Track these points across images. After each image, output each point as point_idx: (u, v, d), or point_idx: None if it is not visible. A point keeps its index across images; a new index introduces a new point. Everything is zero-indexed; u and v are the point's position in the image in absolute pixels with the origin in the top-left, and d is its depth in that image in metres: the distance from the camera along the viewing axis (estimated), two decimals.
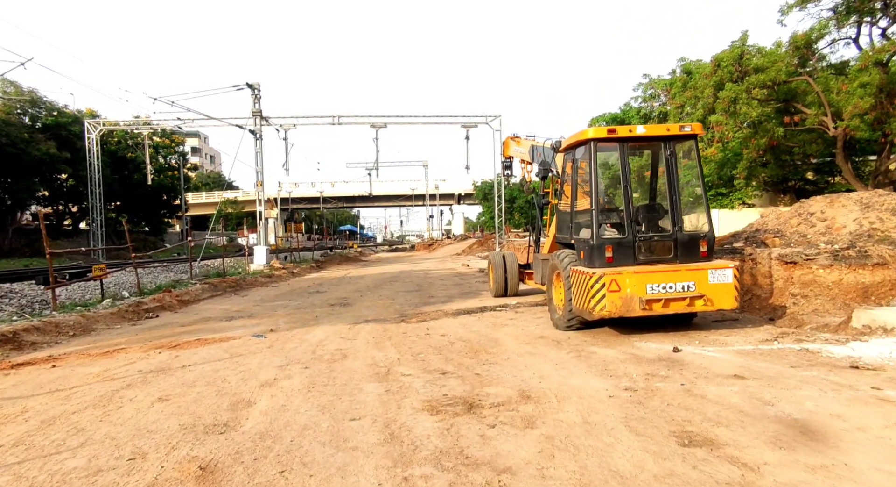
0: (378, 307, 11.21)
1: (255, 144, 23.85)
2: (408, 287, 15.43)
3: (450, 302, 11.75)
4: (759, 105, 20.30)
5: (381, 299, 12.62)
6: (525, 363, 5.84)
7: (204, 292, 14.15)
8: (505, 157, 14.52)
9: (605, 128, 6.98)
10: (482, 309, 10.36)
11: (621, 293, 6.49)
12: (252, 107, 23.58)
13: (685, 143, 7.16)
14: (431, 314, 9.95)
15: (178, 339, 8.05)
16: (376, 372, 5.68)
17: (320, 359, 6.43)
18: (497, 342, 7.18)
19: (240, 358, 6.56)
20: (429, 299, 12.35)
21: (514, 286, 12.04)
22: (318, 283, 17.96)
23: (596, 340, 6.93)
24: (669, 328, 7.33)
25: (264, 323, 9.49)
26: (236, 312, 11.16)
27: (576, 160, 7.69)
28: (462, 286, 15.26)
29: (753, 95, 20.16)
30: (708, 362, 5.42)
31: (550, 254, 10.61)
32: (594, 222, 6.90)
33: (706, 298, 6.49)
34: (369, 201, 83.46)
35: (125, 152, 42.98)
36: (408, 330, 8.41)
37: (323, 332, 8.40)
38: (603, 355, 6.03)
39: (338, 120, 35.29)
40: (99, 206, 33.66)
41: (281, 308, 11.54)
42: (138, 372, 5.81)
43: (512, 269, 11.96)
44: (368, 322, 9.28)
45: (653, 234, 7.02)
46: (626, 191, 6.95)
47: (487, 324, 8.65)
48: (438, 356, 6.45)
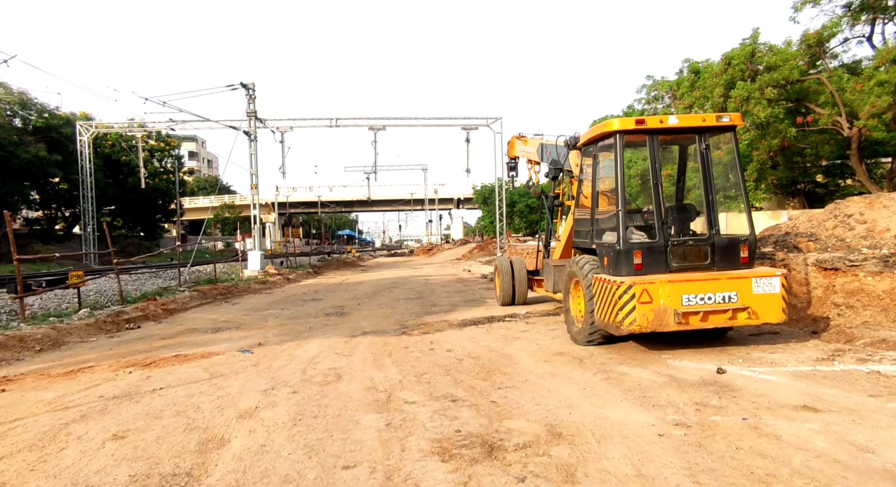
0: (377, 317, 10.42)
1: (250, 146, 23.10)
2: (408, 294, 14.63)
3: (454, 311, 10.96)
4: (768, 105, 19.60)
5: (380, 308, 11.83)
6: (547, 387, 5.05)
7: (192, 300, 13.34)
8: (510, 157, 13.77)
9: (632, 118, 6.22)
10: (490, 319, 9.57)
11: (654, 305, 5.71)
12: (246, 107, 22.84)
13: (722, 135, 6.41)
14: (435, 326, 9.15)
15: (155, 355, 7.24)
16: (375, 399, 4.89)
17: (311, 381, 5.63)
18: (511, 359, 6.39)
19: (220, 379, 5.76)
20: (431, 308, 11.56)
21: (523, 294, 11.25)
22: (314, 290, 17.17)
23: (623, 357, 6.14)
24: (702, 342, 6.55)
25: (253, 336, 8.69)
26: (224, 322, 10.35)
27: (597, 156, 6.92)
28: (465, 293, 14.46)
29: (766, 94, 19.46)
30: (764, 387, 4.63)
31: (566, 260, 9.84)
32: (620, 224, 6.13)
33: (750, 310, 5.71)
34: (368, 205, 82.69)
35: (119, 156, 42.15)
36: (410, 344, 7.62)
37: (316, 347, 7.60)
38: (636, 376, 5.24)
39: (335, 122, 34.58)
40: (91, 210, 32.81)
41: (272, 318, 10.73)
42: (99, 399, 5.01)
43: (520, 276, 11.18)
44: (366, 335, 8.49)
45: (687, 238, 6.26)
46: (656, 190, 6.18)
47: (497, 337, 7.86)
48: (446, 376, 5.65)
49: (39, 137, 31.48)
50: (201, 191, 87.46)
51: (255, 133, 22.99)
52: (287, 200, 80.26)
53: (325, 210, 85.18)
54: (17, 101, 31.94)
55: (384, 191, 79.77)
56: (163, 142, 46.32)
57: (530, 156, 12.54)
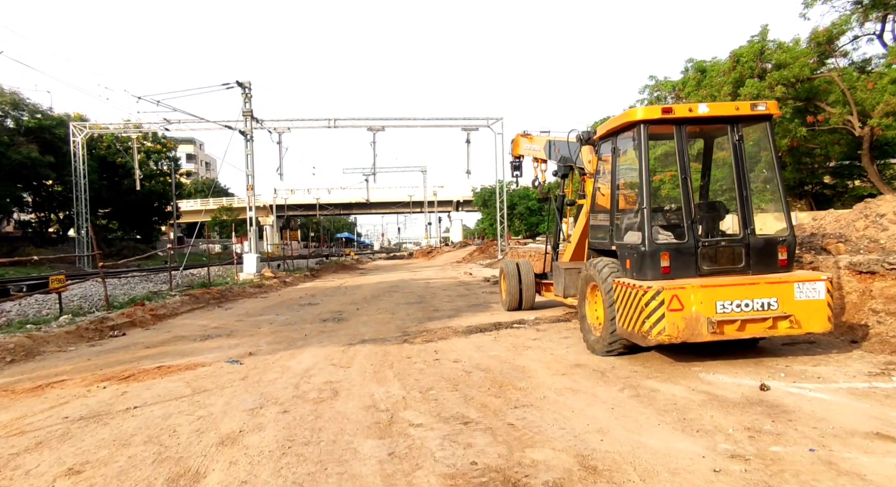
0: (377, 323, 9.84)
1: (246, 146, 22.53)
2: (409, 299, 14.05)
3: (458, 317, 10.38)
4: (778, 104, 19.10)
5: (379, 313, 11.25)
6: (570, 406, 4.48)
7: (183, 304, 12.74)
8: (514, 156, 13.21)
9: (657, 107, 5.67)
10: (496, 326, 8.99)
11: (684, 313, 5.15)
12: (242, 106, 22.28)
13: (756, 125, 5.85)
14: (438, 333, 8.57)
15: (136, 366, 6.66)
16: (376, 420, 4.31)
17: (304, 398, 5.05)
18: (524, 371, 5.81)
19: (203, 396, 5.18)
20: (433, 314, 10.98)
21: (530, 299, 10.68)
22: (311, 294, 16.58)
23: (649, 370, 5.57)
24: (733, 352, 5.98)
25: (244, 344, 8.11)
26: (215, 329, 9.76)
27: (616, 149, 6.36)
28: (468, 298, 13.89)
29: (776, 92, 18.94)
30: (820, 409, 4.06)
31: (577, 263, 9.28)
32: (645, 223, 5.56)
33: (793, 319, 5.14)
34: (366, 207, 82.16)
35: (115, 158, 41.56)
36: (412, 354, 7.04)
37: (311, 357, 7.02)
38: (668, 394, 4.67)
39: (334, 123, 34.09)
40: (85, 212, 32.22)
41: (266, 324, 10.15)
42: (62, 421, 4.42)
43: (527, 279, 10.61)
44: (366, 343, 7.91)
45: (719, 238, 5.69)
46: (685, 185, 5.62)
47: (507, 346, 7.28)
48: (454, 392, 5.08)
49: (32, 138, 30.88)
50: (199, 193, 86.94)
51: (251, 133, 22.43)
52: (285, 202, 79.75)
53: (324, 213, 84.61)
54: (9, 101, 31.35)
55: (383, 193, 79.27)
56: (159, 144, 45.74)
57: (536, 154, 11.99)
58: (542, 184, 12.38)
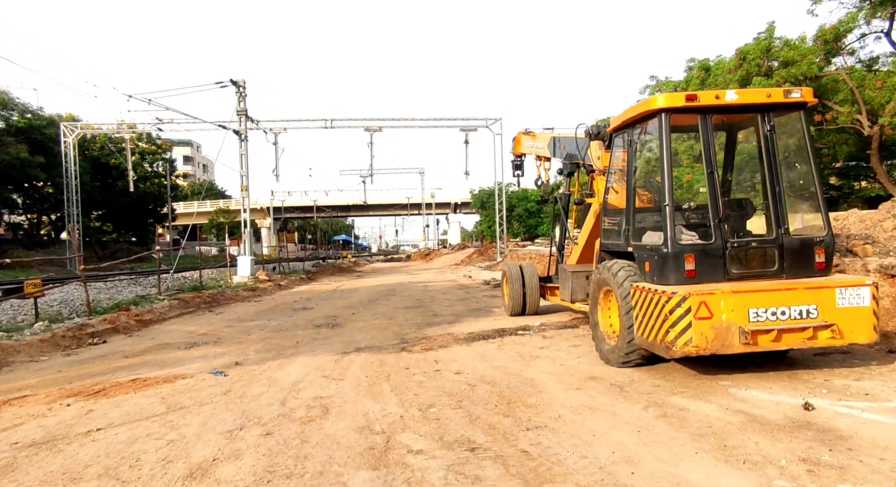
0: (373, 330, 9.30)
1: (240, 146, 22.00)
2: (407, 303, 13.52)
3: (458, 322, 9.85)
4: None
5: (376, 318, 10.71)
6: (589, 428, 3.96)
7: (171, 309, 12.19)
8: (515, 155, 12.69)
9: (680, 94, 5.16)
10: (500, 332, 8.47)
11: (714, 321, 4.63)
12: (237, 106, 21.76)
13: (789, 115, 5.35)
14: (438, 340, 8.04)
15: (110, 379, 6.11)
16: (370, 446, 3.78)
17: (290, 416, 4.52)
18: (534, 385, 5.29)
19: (178, 415, 4.64)
20: (433, 319, 10.44)
21: (534, 304, 10.16)
22: (306, 297, 16.03)
23: (672, 384, 5.05)
24: (761, 364, 5.46)
25: (231, 352, 7.57)
26: (202, 336, 9.21)
27: (633, 142, 5.85)
28: (468, 302, 13.36)
29: None
30: (881, 433, 3.55)
31: (585, 265, 8.77)
32: (668, 222, 5.05)
33: (835, 328, 4.62)
34: (364, 210, 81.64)
35: (108, 159, 40.96)
36: (411, 364, 6.51)
37: (301, 367, 6.48)
38: (700, 414, 4.15)
39: (330, 123, 33.59)
40: (76, 214, 31.61)
41: (257, 330, 9.60)
42: (10, 447, 3.88)
43: (531, 283, 10.09)
44: (361, 352, 7.37)
45: (750, 238, 5.18)
46: (711, 180, 5.11)
47: (513, 355, 6.76)
48: (458, 410, 4.55)
49: (21, 138, 30.29)
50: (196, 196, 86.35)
51: (245, 133, 21.90)
52: (282, 204, 79.18)
53: (321, 215, 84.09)
54: None
55: (380, 195, 78.78)
56: (154, 145, 45.15)
57: (540, 152, 11.48)
58: (545, 183, 11.89)
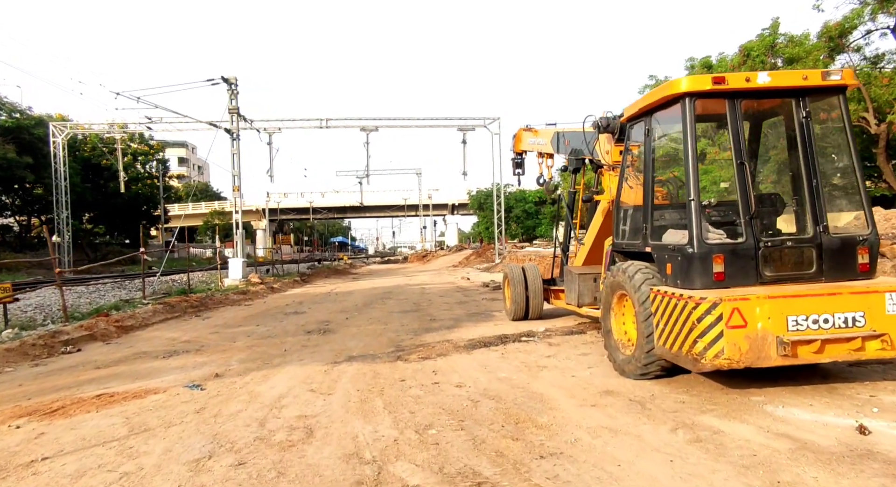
0: (367, 336, 8.75)
1: (232, 146, 21.43)
2: (403, 306, 12.96)
3: (457, 328, 9.30)
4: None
5: (370, 324, 10.15)
6: (613, 457, 3.42)
7: (155, 314, 11.60)
8: (516, 152, 12.18)
9: (707, 76, 4.64)
10: (502, 339, 7.93)
11: (748, 331, 4.10)
12: (228, 104, 21.18)
13: (826, 100, 4.84)
14: (437, 348, 7.50)
15: (73, 394, 5.54)
16: (358, 479, 3.23)
17: (268, 441, 3.96)
18: (544, 401, 4.75)
19: (140, 439, 4.08)
20: (430, 324, 9.90)
21: (538, 308, 9.62)
22: (298, 301, 15.46)
23: (698, 400, 4.51)
24: (794, 375, 4.93)
25: (212, 362, 7.00)
26: (185, 343, 8.64)
27: (652, 131, 5.32)
28: (467, 305, 12.82)
29: None
30: None
31: (592, 267, 8.25)
32: (693, 218, 4.52)
33: (886, 338, 4.09)
34: (360, 211, 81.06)
35: (100, 160, 40.33)
36: (406, 375, 5.96)
37: (286, 379, 5.93)
38: (738, 438, 3.61)
39: (326, 123, 33.03)
40: (65, 216, 30.95)
41: (243, 337, 9.04)
42: None
43: (535, 286, 9.55)
44: (353, 361, 6.82)
45: (785, 237, 4.66)
46: (742, 172, 4.58)
47: (518, 365, 6.22)
48: (459, 433, 4.01)
49: (9, 138, 29.62)
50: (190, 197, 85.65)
51: (237, 131, 21.33)
52: (278, 206, 78.57)
53: (317, 217, 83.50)
54: None
55: (377, 197, 78.22)
56: (146, 145, 44.51)
57: (542, 148, 10.95)
58: (548, 181, 11.37)
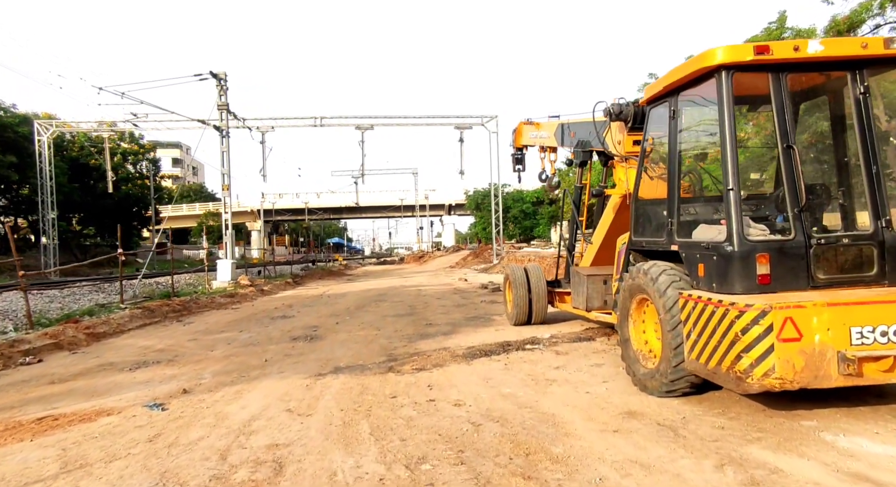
0: (357, 343, 8.05)
1: (222, 143, 20.70)
2: (397, 309, 12.27)
3: (456, 334, 8.62)
4: None
5: (362, 329, 9.46)
6: None
7: (132, 320, 10.87)
8: (516, 147, 11.51)
9: (747, 45, 3.97)
10: (505, 347, 7.24)
11: (804, 344, 3.43)
12: (217, 100, 20.45)
13: (887, 73, 4.18)
14: (433, 357, 6.80)
15: (15, 416, 4.83)
16: None
17: (227, 481, 3.27)
18: (557, 424, 4.06)
19: (71, 479, 3.37)
20: (426, 329, 9.21)
21: (541, 311, 8.95)
22: (288, 304, 14.75)
23: (739, 424, 3.84)
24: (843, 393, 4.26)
25: (183, 375, 6.29)
26: (158, 352, 7.92)
27: (677, 112, 4.65)
28: (466, 308, 12.13)
29: None
30: None
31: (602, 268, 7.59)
32: (733, 211, 3.85)
33: None
34: (356, 212, 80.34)
35: (88, 159, 39.46)
36: (398, 390, 5.27)
37: (262, 396, 5.23)
38: (802, 480, 2.94)
39: (320, 121, 32.34)
40: (51, 216, 30.13)
41: (223, 345, 8.32)
42: None
43: (538, 288, 8.87)
44: (339, 373, 6.13)
45: (841, 234, 3.99)
46: (789, 158, 3.91)
47: (523, 378, 5.54)
48: (459, 468, 3.32)
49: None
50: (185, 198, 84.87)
51: (227, 129, 20.60)
52: (273, 207, 77.78)
53: (313, 217, 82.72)
54: None
55: (373, 197, 77.54)
56: (137, 145, 43.68)
57: (545, 142, 10.28)
58: (550, 177, 10.69)
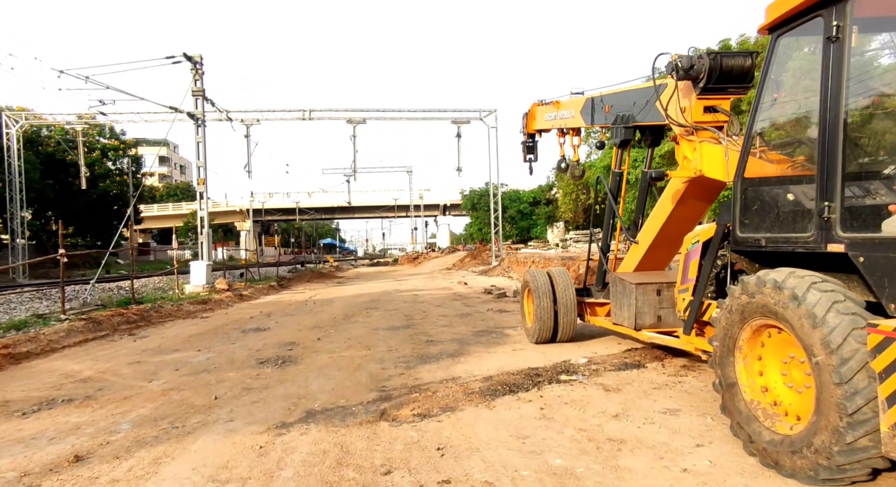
0: (340, 369, 6.29)
1: (197, 133, 18.84)
2: (392, 320, 10.51)
3: (465, 355, 6.88)
4: None
5: (348, 347, 7.70)
6: None
7: (71, 334, 9.03)
8: (528, 134, 9.84)
9: None
10: (532, 377, 5.52)
11: None
12: (192, 85, 18.60)
13: None
14: (440, 394, 5.07)
15: None
16: None
17: None
18: None
19: None
20: (427, 348, 7.47)
21: (569, 327, 7.23)
22: (267, 312, 12.95)
23: None
24: None
25: (92, 424, 4.52)
26: (80, 383, 6.12)
27: (841, 31, 2.92)
28: (471, 319, 10.39)
29: None
30: None
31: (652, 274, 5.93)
32: None
33: None
34: (349, 212, 78.47)
35: (65, 155, 37.35)
36: (394, 458, 3.55)
37: (188, 470, 3.47)
38: None
39: (309, 114, 30.51)
40: (20, 215, 28.10)
41: (168, 371, 6.53)
42: None
43: (566, 298, 7.15)
44: (311, 421, 4.38)
45: None
46: None
47: (574, 436, 3.81)
48: None
49: None
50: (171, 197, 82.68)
51: (202, 117, 18.74)
52: (262, 206, 75.78)
53: (304, 217, 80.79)
54: None
55: (366, 197, 75.78)
56: (117, 140, 41.60)
57: (567, 123, 8.59)
58: (574, 165, 9.01)
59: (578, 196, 46.38)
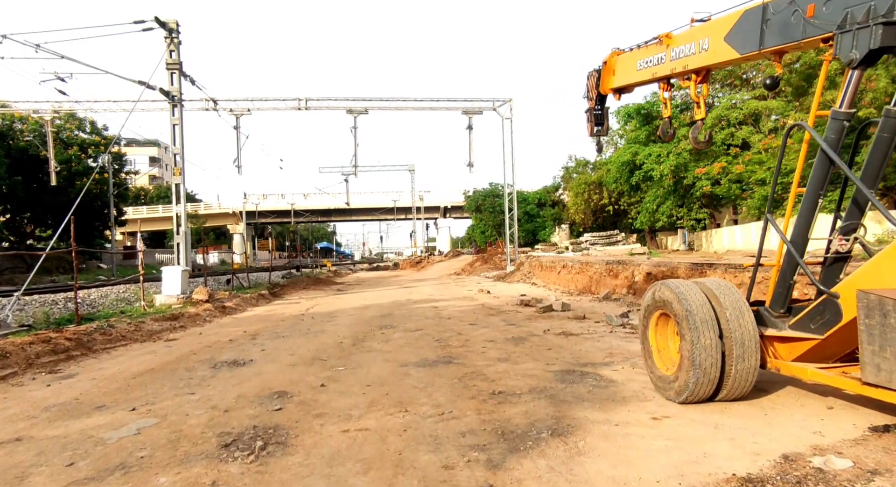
0: (367, 469, 3.34)
1: (173, 113, 15.86)
2: (421, 349, 7.57)
3: (573, 430, 3.95)
4: None
5: (370, 407, 4.77)
6: None
7: None
8: (598, 96, 7.07)
9: None
10: None
11: None
12: (167, 57, 15.64)
13: None
14: None
15: None
16: None
17: None
18: None
19: None
20: (501, 411, 4.53)
21: (746, 378, 4.28)
22: (252, 332, 10.01)
23: None
24: None
25: None
26: None
27: None
28: (532, 346, 7.47)
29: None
30: None
31: None
32: None
33: None
34: (347, 214, 75.44)
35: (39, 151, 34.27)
36: None
37: None
38: None
39: (305, 104, 27.55)
40: None
41: (47, 473, 3.57)
42: None
43: (741, 332, 4.22)
44: None
45: None
46: None
47: None
48: None
49: None
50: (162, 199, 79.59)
51: (179, 94, 15.77)
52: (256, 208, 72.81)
53: (300, 220, 77.73)
54: None
55: (365, 198, 72.86)
56: (98, 135, 38.53)
57: (690, 62, 5.76)
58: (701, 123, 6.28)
59: (591, 196, 43.50)
